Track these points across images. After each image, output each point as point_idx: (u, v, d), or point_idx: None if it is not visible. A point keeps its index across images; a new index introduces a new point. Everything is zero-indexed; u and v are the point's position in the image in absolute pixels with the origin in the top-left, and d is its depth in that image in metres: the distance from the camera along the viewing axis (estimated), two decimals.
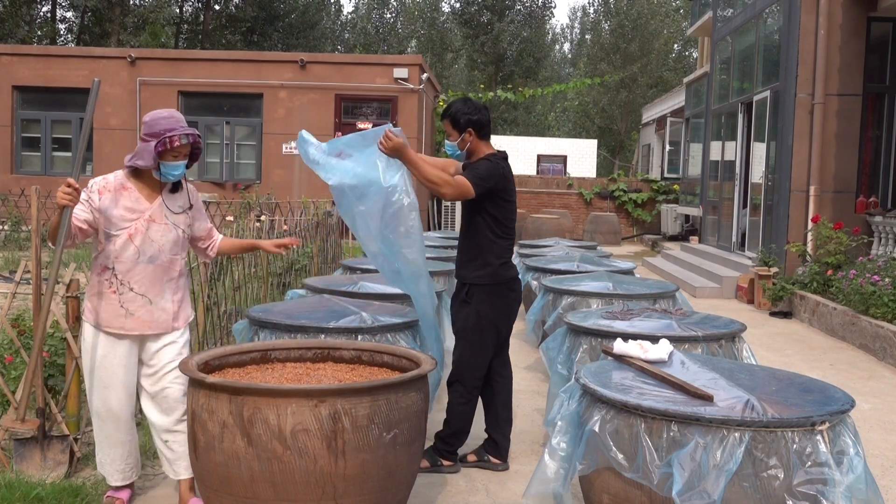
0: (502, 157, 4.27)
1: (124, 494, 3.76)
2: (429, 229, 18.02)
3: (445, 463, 4.24)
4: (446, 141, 4.34)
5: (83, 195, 3.52)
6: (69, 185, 3.34)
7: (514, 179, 4.32)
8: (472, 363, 4.26)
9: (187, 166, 3.69)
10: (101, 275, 3.62)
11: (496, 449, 4.39)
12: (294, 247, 4.17)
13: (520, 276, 4.47)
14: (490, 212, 4.17)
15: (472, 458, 4.40)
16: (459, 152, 4.28)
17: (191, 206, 3.79)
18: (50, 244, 3.54)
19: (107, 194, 3.59)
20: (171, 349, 3.72)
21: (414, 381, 3.24)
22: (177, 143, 3.53)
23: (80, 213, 3.53)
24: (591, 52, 43.18)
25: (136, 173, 3.66)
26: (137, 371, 3.73)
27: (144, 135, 3.57)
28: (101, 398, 3.64)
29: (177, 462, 3.71)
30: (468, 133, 4.20)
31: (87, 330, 3.66)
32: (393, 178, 3.99)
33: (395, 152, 3.90)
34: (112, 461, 3.70)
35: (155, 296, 3.66)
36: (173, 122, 3.56)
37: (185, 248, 3.82)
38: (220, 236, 4.02)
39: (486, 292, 4.21)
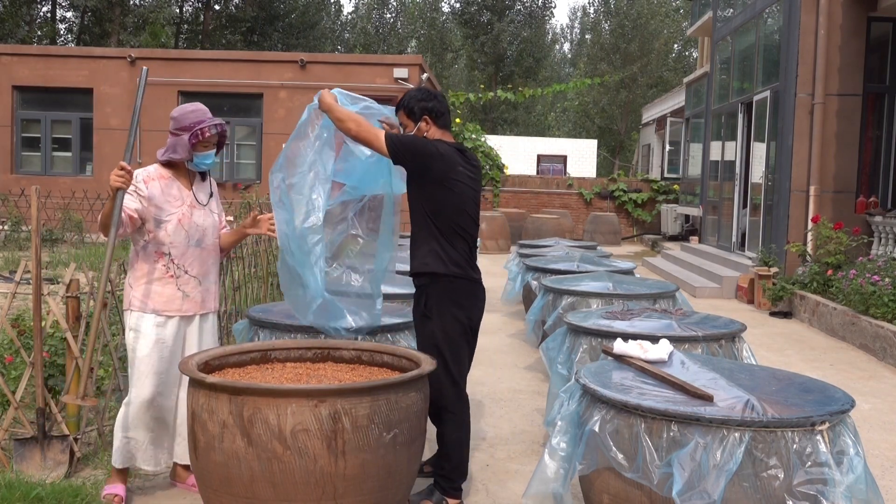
0: (454, 144, 3.84)
1: (120, 489, 3.77)
2: None
3: (452, 501, 3.82)
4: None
5: (130, 186, 3.64)
6: (122, 168, 3.49)
7: (514, 180, 4.16)
8: (452, 387, 3.78)
9: (215, 154, 3.94)
10: (156, 262, 3.81)
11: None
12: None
13: (520, 277, 4.36)
14: (427, 202, 3.75)
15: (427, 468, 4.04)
16: None
17: (211, 195, 4.03)
18: (102, 235, 3.69)
19: (152, 183, 3.79)
20: (213, 329, 4.02)
21: (414, 381, 3.24)
22: (208, 134, 3.77)
23: (130, 203, 3.68)
24: (591, 52, 43.22)
25: (170, 166, 3.89)
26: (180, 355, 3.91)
27: (175, 129, 3.80)
28: (153, 384, 3.76)
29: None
30: (424, 122, 3.83)
31: (147, 319, 3.78)
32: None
33: (324, 99, 3.78)
34: (145, 447, 3.82)
35: (204, 277, 3.94)
36: (200, 114, 3.80)
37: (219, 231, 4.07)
38: (225, 228, 4.18)
39: (445, 305, 3.75)
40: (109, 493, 3.74)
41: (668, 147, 23.21)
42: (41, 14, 36.75)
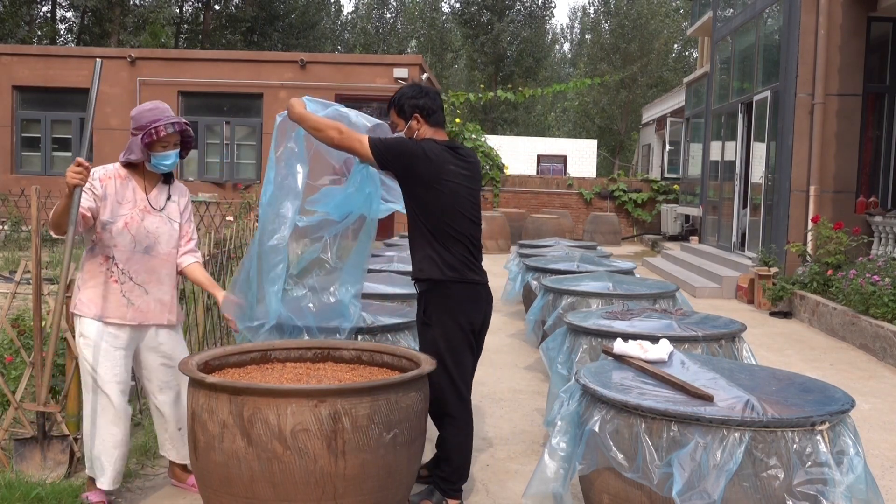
0: (446, 142, 3.71)
1: (100, 495, 3.70)
2: None
3: (452, 502, 3.78)
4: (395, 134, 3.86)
5: (86, 183, 3.52)
6: (80, 164, 3.35)
7: (514, 180, 4.11)
8: (453, 392, 3.72)
9: (181, 156, 3.77)
10: (102, 264, 3.66)
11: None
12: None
13: (520, 277, 4.31)
14: (418, 205, 3.63)
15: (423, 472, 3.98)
16: None
17: (169, 198, 3.81)
18: (52, 233, 3.54)
19: (108, 181, 3.66)
20: (177, 339, 3.86)
21: (414, 381, 3.24)
22: (163, 133, 3.58)
23: (84, 202, 3.54)
24: (591, 52, 43.23)
25: (130, 167, 3.74)
26: (140, 367, 3.81)
27: (133, 129, 3.64)
28: (106, 394, 3.63)
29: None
30: (415, 120, 3.69)
31: (88, 324, 3.64)
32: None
33: (293, 108, 3.65)
34: (113, 462, 3.67)
35: (152, 287, 3.72)
36: (157, 112, 3.61)
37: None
38: (196, 257, 3.91)
39: (443, 313, 3.67)
40: (97, 500, 3.68)
41: (668, 147, 23.21)
42: (41, 14, 36.76)
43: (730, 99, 14.25)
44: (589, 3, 60.05)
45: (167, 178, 3.83)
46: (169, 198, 3.81)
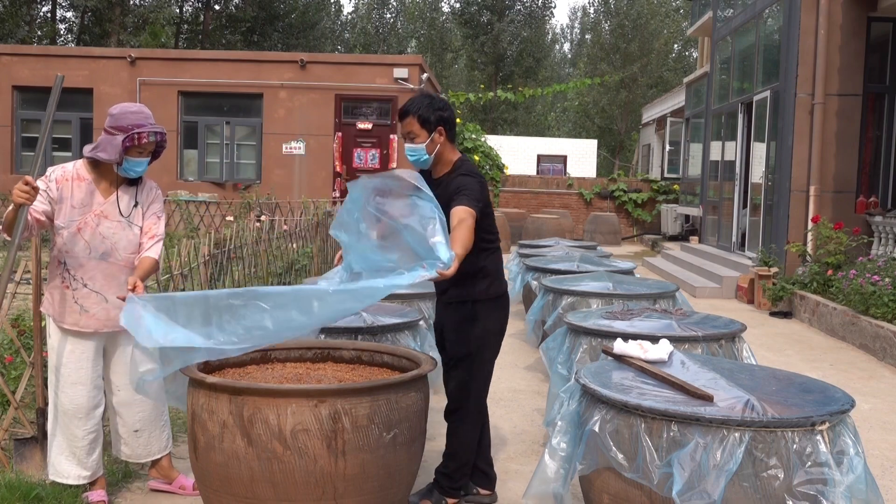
0: (466, 160, 3.75)
1: (101, 495, 3.70)
2: None
3: (451, 501, 3.80)
4: (408, 145, 3.65)
5: (42, 185, 3.46)
6: (27, 184, 3.23)
7: (514, 180, 4.11)
8: (482, 387, 3.83)
9: (149, 163, 3.64)
10: (56, 268, 3.60)
11: (486, 479, 3.98)
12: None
13: (520, 277, 4.31)
14: (479, 224, 3.60)
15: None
16: (426, 157, 3.63)
17: (136, 205, 3.67)
18: (5, 236, 3.44)
19: (65, 184, 3.54)
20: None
21: (414, 381, 3.24)
22: (145, 141, 3.48)
23: (38, 205, 3.45)
24: (591, 52, 43.22)
25: (94, 165, 3.60)
26: (105, 366, 3.74)
27: (110, 127, 3.48)
28: (68, 395, 3.59)
29: (150, 443, 3.82)
30: (439, 133, 3.60)
31: (52, 325, 3.63)
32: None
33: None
34: (69, 459, 3.64)
35: (112, 293, 3.57)
36: (142, 117, 3.50)
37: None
38: (152, 252, 3.66)
39: (490, 307, 3.77)
40: (97, 499, 3.69)
41: (668, 147, 23.21)
42: (41, 14, 36.74)
43: (730, 99, 14.25)
44: (589, 3, 60.03)
45: (134, 182, 3.67)
46: (136, 203, 3.67)
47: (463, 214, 3.41)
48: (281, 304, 3.10)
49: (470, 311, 3.73)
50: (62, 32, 38.59)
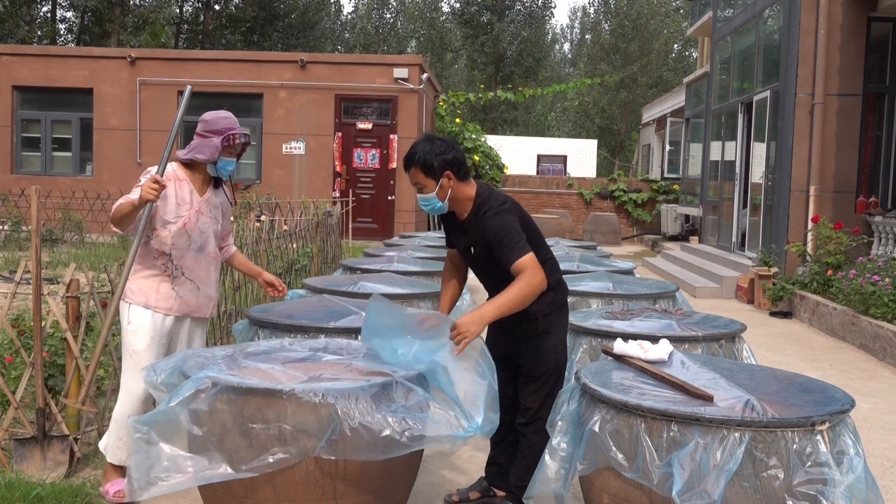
0: (504, 197, 3.57)
1: (124, 484, 3.71)
2: (429, 229, 18.02)
3: None
4: (419, 195, 3.52)
5: (144, 181, 3.67)
6: (157, 181, 3.55)
7: (514, 180, 4.08)
8: (555, 396, 3.55)
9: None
10: (157, 258, 3.83)
11: (506, 478, 3.87)
12: (278, 294, 4.32)
13: None
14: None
15: (474, 495, 3.94)
16: (441, 205, 3.51)
17: (231, 203, 4.17)
18: (113, 228, 3.76)
19: (168, 183, 3.81)
20: (203, 336, 4.07)
21: (414, 381, 3.23)
22: (237, 142, 3.90)
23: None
24: (591, 52, 43.23)
25: (189, 167, 3.94)
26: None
27: (205, 131, 3.89)
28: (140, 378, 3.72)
29: None
30: (446, 178, 3.45)
31: (136, 311, 3.80)
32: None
33: (477, 334, 3.22)
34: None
35: (202, 283, 3.95)
36: (232, 121, 3.93)
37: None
38: (234, 248, 4.30)
39: (559, 315, 3.71)
40: (117, 489, 3.72)
41: (668, 147, 23.21)
42: (41, 14, 36.74)
43: (730, 99, 14.25)
44: (589, 3, 60.07)
45: (217, 182, 4.05)
46: (223, 205, 4.10)
47: (522, 267, 3.35)
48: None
49: (542, 324, 3.64)
50: (62, 32, 38.59)
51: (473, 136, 21.34)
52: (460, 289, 3.88)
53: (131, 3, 34.94)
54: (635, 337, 3.71)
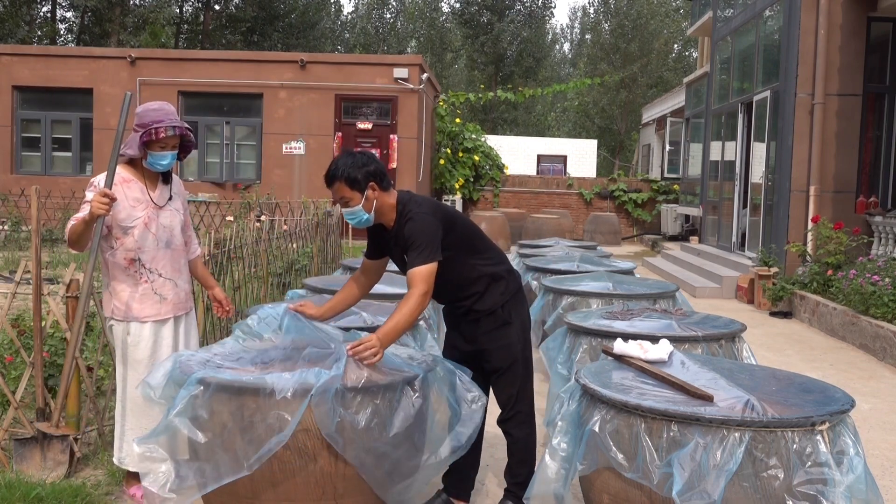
0: (424, 200, 3.55)
1: (140, 490, 3.71)
2: None
3: None
4: (345, 210, 3.49)
5: (93, 196, 3.58)
6: (106, 195, 3.47)
7: (514, 180, 4.02)
8: (532, 386, 3.79)
9: (179, 158, 3.86)
10: (128, 268, 3.75)
11: (465, 487, 3.84)
12: (225, 314, 4.27)
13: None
14: (458, 254, 3.54)
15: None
16: (367, 217, 3.48)
17: (171, 197, 3.91)
18: (71, 250, 3.67)
19: (115, 188, 3.70)
20: (194, 326, 4.04)
21: (413, 381, 3.23)
22: (162, 135, 3.65)
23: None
24: (591, 52, 43.21)
25: (133, 164, 3.81)
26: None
27: (135, 125, 3.70)
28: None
29: None
30: (371, 189, 3.44)
31: (135, 326, 3.74)
32: None
33: (378, 354, 3.19)
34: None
35: (177, 278, 3.89)
36: (161, 114, 3.69)
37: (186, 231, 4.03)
38: (196, 250, 4.12)
39: (516, 302, 3.72)
40: (137, 492, 3.73)
41: (668, 147, 23.21)
42: (41, 14, 36.73)
43: (730, 99, 14.25)
44: (589, 3, 60.01)
45: (166, 177, 3.90)
46: (170, 197, 3.91)
47: (414, 280, 3.35)
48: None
49: (502, 315, 3.66)
50: (62, 32, 38.57)
51: (473, 136, 21.34)
52: (355, 299, 3.80)
53: (131, 3, 34.92)
54: (635, 337, 3.71)
